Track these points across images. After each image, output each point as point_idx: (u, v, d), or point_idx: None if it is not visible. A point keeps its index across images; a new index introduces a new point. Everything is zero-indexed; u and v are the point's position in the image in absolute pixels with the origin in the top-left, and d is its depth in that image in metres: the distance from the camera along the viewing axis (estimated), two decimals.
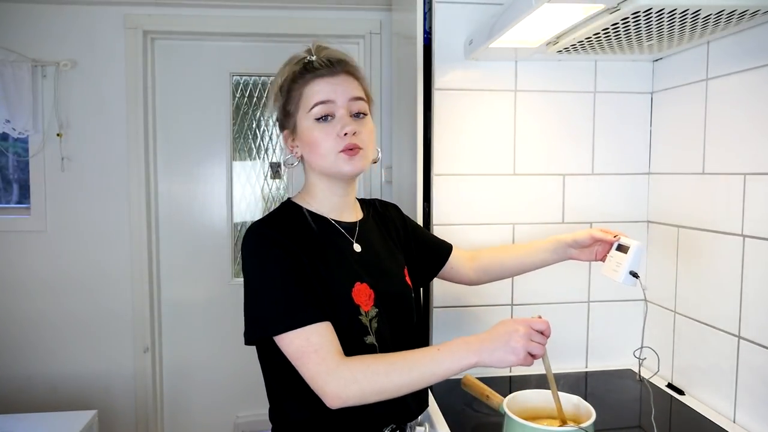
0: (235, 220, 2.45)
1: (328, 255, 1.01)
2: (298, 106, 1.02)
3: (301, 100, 1.01)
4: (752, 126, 1.18)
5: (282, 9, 2.27)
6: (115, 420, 2.32)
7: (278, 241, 0.96)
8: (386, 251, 1.11)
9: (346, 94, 1.00)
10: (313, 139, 1.00)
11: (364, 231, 1.09)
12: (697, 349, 1.36)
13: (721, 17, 1.05)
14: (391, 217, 1.20)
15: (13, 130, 2.15)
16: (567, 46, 1.28)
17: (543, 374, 0.96)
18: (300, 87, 1.01)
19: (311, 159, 1.03)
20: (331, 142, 0.99)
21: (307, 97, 1.00)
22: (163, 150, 2.37)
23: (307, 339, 0.89)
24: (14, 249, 2.24)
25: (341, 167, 1.00)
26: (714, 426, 1.22)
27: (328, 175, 1.03)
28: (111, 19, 2.22)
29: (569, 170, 1.54)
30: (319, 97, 0.99)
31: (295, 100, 1.02)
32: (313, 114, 0.99)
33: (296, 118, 1.02)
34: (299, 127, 1.02)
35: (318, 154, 1.00)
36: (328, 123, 0.99)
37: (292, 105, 1.02)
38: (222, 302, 2.40)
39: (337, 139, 0.99)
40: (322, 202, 1.06)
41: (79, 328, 2.29)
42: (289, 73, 1.03)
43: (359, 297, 0.99)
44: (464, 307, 1.51)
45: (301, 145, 1.03)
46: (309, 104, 1.00)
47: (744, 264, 1.20)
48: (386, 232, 1.15)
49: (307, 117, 1.00)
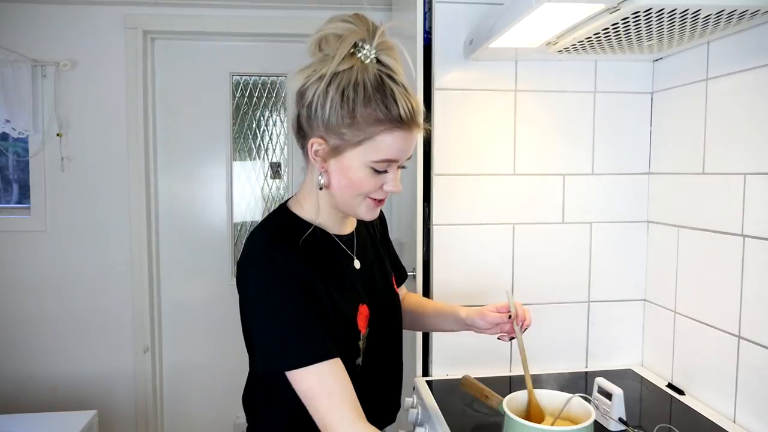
0: (235, 220, 2.45)
1: (338, 276, 0.96)
2: (360, 142, 0.87)
3: (367, 141, 0.86)
4: (752, 126, 1.18)
5: (282, 9, 2.27)
6: (115, 420, 2.32)
7: (293, 269, 0.88)
8: (377, 261, 1.08)
9: (408, 152, 0.91)
10: (357, 182, 0.89)
11: (360, 241, 1.05)
12: (697, 349, 1.36)
13: (721, 17, 1.05)
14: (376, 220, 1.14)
15: (13, 130, 2.15)
16: (567, 46, 1.28)
17: (543, 374, 0.96)
18: (373, 126, 0.86)
19: (340, 192, 0.92)
20: (373, 189, 0.91)
21: (379, 146, 0.86)
22: (163, 150, 2.37)
23: (320, 381, 0.84)
24: (14, 249, 2.24)
25: (362, 214, 0.94)
26: (714, 426, 1.22)
27: (341, 210, 0.97)
28: (111, 19, 2.22)
29: (569, 170, 1.54)
30: (390, 154, 0.87)
31: (360, 133, 0.86)
32: (375, 165, 0.88)
33: (348, 149, 0.88)
34: (347, 158, 0.88)
35: (351, 195, 0.91)
36: (380, 175, 0.90)
37: (352, 134, 0.86)
38: (222, 302, 2.40)
39: (378, 191, 0.91)
40: (322, 216, 0.97)
41: (79, 328, 2.29)
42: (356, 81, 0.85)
43: (361, 321, 0.97)
44: (464, 307, 1.51)
45: (338, 174, 0.90)
46: (376, 155, 0.87)
47: (744, 264, 1.20)
48: (375, 236, 1.13)
49: (364, 160, 0.88)
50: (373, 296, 1.02)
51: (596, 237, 1.56)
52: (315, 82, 0.86)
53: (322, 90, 0.85)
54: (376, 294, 1.03)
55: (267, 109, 2.43)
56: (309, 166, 0.96)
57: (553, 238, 1.54)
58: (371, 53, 0.86)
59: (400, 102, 0.85)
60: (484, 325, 1.09)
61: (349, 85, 0.85)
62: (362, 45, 0.86)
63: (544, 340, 1.54)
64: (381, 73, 0.86)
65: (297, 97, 0.92)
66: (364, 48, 0.86)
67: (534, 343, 1.53)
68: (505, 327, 1.09)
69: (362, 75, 0.85)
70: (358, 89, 0.84)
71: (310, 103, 0.88)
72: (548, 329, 1.55)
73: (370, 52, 0.86)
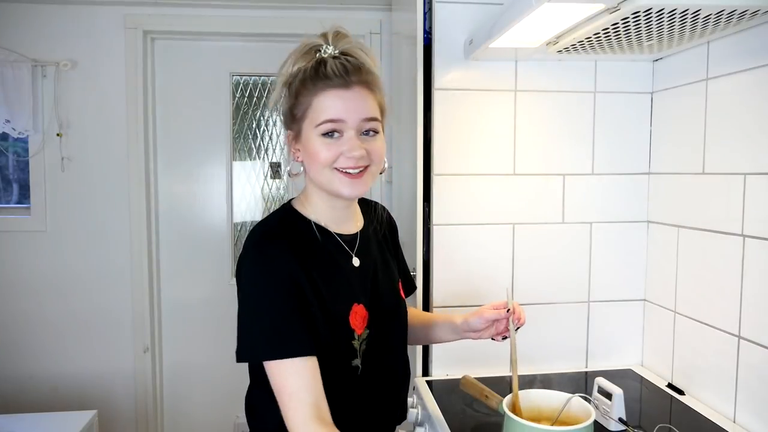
0: (235, 220, 2.45)
1: (330, 273, 0.96)
2: (305, 114, 0.93)
3: (308, 110, 0.93)
4: (752, 126, 1.18)
5: (282, 9, 2.27)
6: (115, 420, 2.32)
7: (281, 263, 0.90)
8: (383, 264, 1.08)
9: (358, 113, 0.91)
10: (314, 153, 0.93)
11: (363, 241, 1.05)
12: (697, 349, 1.36)
13: (721, 17, 1.05)
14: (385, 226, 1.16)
15: (13, 130, 2.15)
16: (567, 46, 1.28)
17: (543, 374, 0.96)
18: (310, 95, 0.92)
19: (310, 171, 0.97)
20: (331, 158, 0.92)
21: (316, 109, 0.92)
22: (163, 150, 2.37)
23: (286, 378, 0.86)
24: (14, 249, 2.24)
25: (340, 189, 0.94)
26: (714, 426, 1.22)
27: (325, 190, 0.97)
28: (111, 19, 2.22)
29: (569, 170, 1.54)
30: (329, 114, 0.91)
31: (302, 106, 0.93)
32: (319, 129, 0.92)
33: (302, 126, 0.94)
34: (303, 135, 0.95)
35: (317, 170, 0.94)
36: (335, 139, 0.92)
37: (299, 110, 0.94)
38: (222, 302, 2.40)
39: (340, 158, 0.92)
40: (321, 213, 1.00)
41: (79, 328, 2.29)
42: (299, 71, 0.93)
43: (355, 320, 0.96)
44: (465, 307, 1.51)
45: (304, 152, 0.96)
46: (317, 118, 0.92)
47: (744, 264, 1.20)
48: (384, 241, 1.13)
49: (313, 129, 0.93)
50: (374, 298, 1.01)
51: (596, 237, 1.56)
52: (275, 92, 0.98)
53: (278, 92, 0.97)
54: (377, 296, 1.02)
55: (267, 109, 2.43)
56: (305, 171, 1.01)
57: (553, 238, 1.54)
58: (329, 50, 0.93)
59: (329, 63, 0.91)
60: (480, 324, 1.10)
61: (291, 76, 0.95)
62: (320, 47, 0.94)
63: (544, 340, 1.54)
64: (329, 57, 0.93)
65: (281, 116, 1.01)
66: (328, 48, 0.93)
67: (534, 343, 1.53)
68: (500, 327, 1.10)
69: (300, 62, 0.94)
70: (298, 74, 0.94)
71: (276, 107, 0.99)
72: (548, 329, 1.55)
73: (334, 50, 0.93)
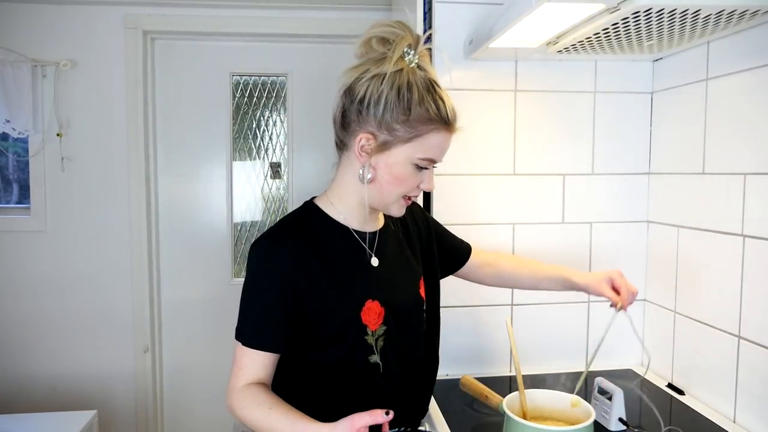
0: (235, 220, 2.45)
1: (344, 269, 0.99)
2: (411, 139, 0.92)
3: (418, 138, 0.92)
4: (752, 126, 1.18)
5: (282, 9, 2.27)
6: (115, 420, 2.32)
7: (279, 262, 0.95)
8: (403, 262, 1.09)
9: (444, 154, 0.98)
10: (400, 178, 0.95)
11: (383, 240, 1.06)
12: (697, 349, 1.36)
13: (721, 17, 1.05)
14: (414, 217, 1.17)
15: (13, 130, 2.15)
16: (567, 46, 1.28)
17: (544, 374, 0.96)
18: (424, 126, 0.92)
19: (380, 187, 0.96)
20: (412, 187, 0.97)
21: (425, 144, 0.93)
22: (163, 150, 2.37)
23: (242, 357, 0.96)
24: (14, 249, 2.24)
25: (394, 210, 1.00)
26: (714, 426, 1.22)
27: (373, 205, 1.00)
28: (111, 19, 2.22)
29: (569, 170, 1.54)
30: (435, 153, 0.95)
31: (410, 128, 0.92)
32: (419, 162, 0.94)
33: (399, 146, 0.93)
34: (395, 154, 0.93)
35: (391, 190, 0.96)
36: (420, 172, 0.96)
37: (406, 132, 0.92)
38: (222, 302, 2.40)
39: (414, 189, 0.98)
40: (350, 214, 1.02)
41: (79, 328, 2.29)
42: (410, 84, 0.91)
43: (368, 316, 0.98)
44: (465, 307, 1.51)
45: (382, 169, 0.94)
46: (423, 152, 0.93)
47: (744, 264, 1.20)
48: (406, 239, 1.13)
49: (410, 156, 0.93)
50: (391, 294, 1.02)
51: (596, 237, 1.56)
52: (368, 80, 0.91)
53: (377, 88, 0.91)
54: (394, 293, 1.03)
55: (267, 109, 2.43)
56: (344, 161, 1.00)
57: (553, 238, 1.54)
58: (414, 59, 0.92)
59: (447, 104, 0.93)
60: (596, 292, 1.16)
61: (404, 85, 0.90)
62: (408, 51, 0.92)
63: (543, 340, 1.54)
64: (426, 78, 0.93)
65: (345, 93, 0.96)
66: (410, 53, 0.92)
67: (534, 343, 1.53)
68: None
69: (413, 77, 0.91)
70: (412, 89, 0.90)
71: (362, 99, 0.92)
72: (548, 329, 1.55)
73: (414, 57, 0.92)
